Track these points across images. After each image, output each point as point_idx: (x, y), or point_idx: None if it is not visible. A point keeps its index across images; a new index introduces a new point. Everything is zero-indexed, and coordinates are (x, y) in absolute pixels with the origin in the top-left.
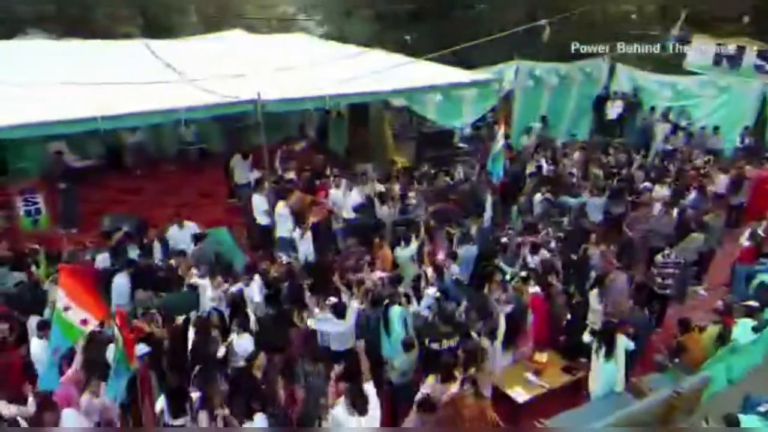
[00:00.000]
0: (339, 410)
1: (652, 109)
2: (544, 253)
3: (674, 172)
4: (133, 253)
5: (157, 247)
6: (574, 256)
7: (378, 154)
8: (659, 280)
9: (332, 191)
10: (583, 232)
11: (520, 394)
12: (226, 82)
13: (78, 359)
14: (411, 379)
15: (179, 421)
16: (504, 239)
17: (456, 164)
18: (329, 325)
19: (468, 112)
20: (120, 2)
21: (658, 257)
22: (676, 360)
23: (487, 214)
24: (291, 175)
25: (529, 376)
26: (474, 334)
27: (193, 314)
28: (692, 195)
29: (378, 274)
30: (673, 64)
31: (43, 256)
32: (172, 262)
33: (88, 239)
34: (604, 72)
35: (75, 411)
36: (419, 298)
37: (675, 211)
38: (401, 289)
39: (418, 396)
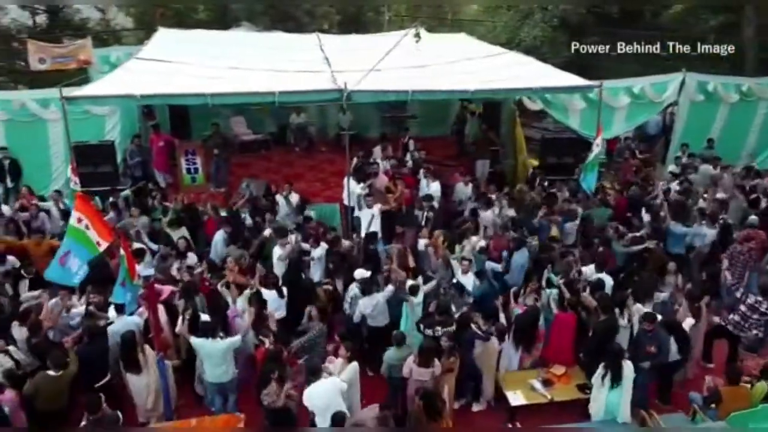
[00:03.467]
0: None
1: None
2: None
3: None
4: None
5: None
6: None
7: (509, 154)
8: (736, 318)
9: (422, 181)
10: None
11: (516, 398)
12: (361, 75)
13: None
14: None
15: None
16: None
17: None
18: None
19: (619, 124)
20: (321, 0)
21: (750, 298)
22: (713, 406)
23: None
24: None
25: (536, 383)
26: (474, 328)
27: None
28: None
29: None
30: None
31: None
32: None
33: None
34: None
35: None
36: None
37: None
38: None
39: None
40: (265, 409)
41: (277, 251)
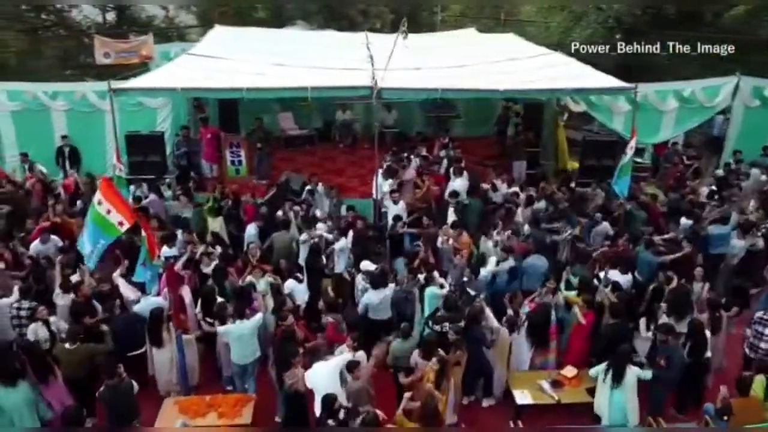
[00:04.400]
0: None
1: None
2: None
3: None
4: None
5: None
6: None
7: (550, 156)
8: (751, 339)
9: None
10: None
11: (523, 397)
12: (402, 73)
13: None
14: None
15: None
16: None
17: None
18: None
19: (667, 129)
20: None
21: (759, 314)
22: (725, 418)
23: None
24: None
25: (544, 383)
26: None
27: None
28: None
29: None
30: None
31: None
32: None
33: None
34: None
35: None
36: None
37: None
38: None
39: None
40: (284, 391)
41: (303, 237)
